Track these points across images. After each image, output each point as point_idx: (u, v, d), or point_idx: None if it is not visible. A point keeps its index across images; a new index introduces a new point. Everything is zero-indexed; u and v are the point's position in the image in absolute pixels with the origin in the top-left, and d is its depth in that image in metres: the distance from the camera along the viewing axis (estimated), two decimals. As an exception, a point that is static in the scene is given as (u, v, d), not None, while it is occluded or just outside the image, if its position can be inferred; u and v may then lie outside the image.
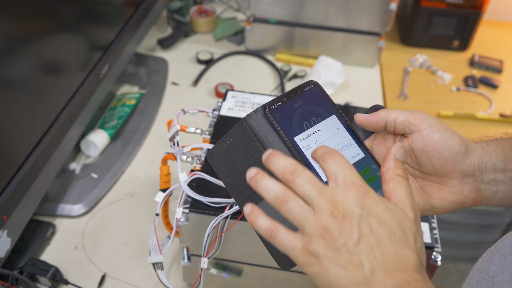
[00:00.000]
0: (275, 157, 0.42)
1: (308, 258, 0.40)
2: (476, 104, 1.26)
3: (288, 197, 0.41)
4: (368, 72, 1.31)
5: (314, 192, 0.40)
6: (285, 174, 0.41)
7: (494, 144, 0.51)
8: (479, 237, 1.48)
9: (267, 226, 0.42)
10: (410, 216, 0.41)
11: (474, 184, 0.49)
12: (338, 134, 0.50)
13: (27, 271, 0.78)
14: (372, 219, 0.40)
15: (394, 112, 0.50)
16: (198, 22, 1.39)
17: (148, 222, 0.91)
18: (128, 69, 1.23)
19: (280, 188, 0.41)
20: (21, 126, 0.76)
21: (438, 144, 0.48)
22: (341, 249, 0.39)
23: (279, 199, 0.41)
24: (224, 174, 0.51)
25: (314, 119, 0.49)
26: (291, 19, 1.26)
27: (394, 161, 0.43)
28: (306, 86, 0.51)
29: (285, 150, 0.47)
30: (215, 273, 0.74)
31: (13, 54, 0.72)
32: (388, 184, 0.43)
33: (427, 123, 0.49)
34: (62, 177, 0.97)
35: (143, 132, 1.08)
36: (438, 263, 0.64)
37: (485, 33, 1.47)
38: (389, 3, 1.18)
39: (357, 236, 0.39)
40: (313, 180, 0.41)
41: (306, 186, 0.41)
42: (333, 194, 0.40)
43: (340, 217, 0.39)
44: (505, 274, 0.39)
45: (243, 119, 0.48)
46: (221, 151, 0.50)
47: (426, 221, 0.67)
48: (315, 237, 0.40)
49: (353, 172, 0.41)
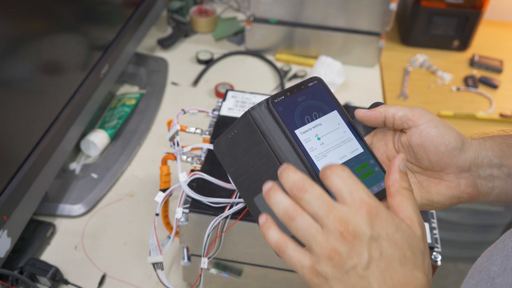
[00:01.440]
0: (286, 172, 0.41)
1: (316, 278, 0.40)
2: (476, 104, 1.26)
3: (296, 214, 0.40)
4: (368, 72, 1.31)
5: (322, 210, 0.39)
6: (293, 189, 0.41)
7: (491, 140, 0.51)
8: (479, 237, 1.48)
9: (277, 241, 0.42)
10: (418, 233, 0.41)
11: (470, 179, 0.50)
12: (338, 129, 0.51)
13: (27, 271, 0.78)
14: (383, 240, 0.39)
15: (393, 107, 0.51)
16: (198, 22, 1.39)
17: (148, 222, 0.91)
18: (128, 69, 1.23)
19: (289, 204, 0.41)
20: (21, 126, 0.76)
21: (435, 138, 0.49)
22: (350, 272, 0.38)
23: (287, 216, 0.41)
24: (228, 165, 0.52)
25: (316, 113, 0.51)
26: (291, 19, 1.26)
27: (399, 173, 0.43)
28: (310, 81, 0.52)
29: (285, 143, 0.49)
30: (215, 273, 0.74)
31: (13, 54, 0.72)
32: (395, 198, 0.42)
33: (424, 119, 0.50)
34: (62, 177, 0.97)
35: (143, 132, 1.08)
36: (438, 263, 0.64)
37: (485, 33, 1.47)
38: (389, 3, 1.19)
39: (367, 259, 0.38)
40: (321, 197, 0.40)
41: (314, 203, 0.40)
42: (342, 213, 0.39)
43: (350, 238, 0.38)
44: (507, 276, 0.39)
45: (248, 111, 0.49)
46: (226, 142, 0.52)
47: (426, 221, 0.67)
48: (323, 258, 0.39)
49: (359, 188, 0.40)
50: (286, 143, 0.49)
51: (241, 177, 0.51)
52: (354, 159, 0.50)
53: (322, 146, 0.50)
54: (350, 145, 0.51)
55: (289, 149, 0.49)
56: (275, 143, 0.49)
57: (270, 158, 0.49)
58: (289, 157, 0.48)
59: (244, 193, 0.51)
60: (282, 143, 0.49)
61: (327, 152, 0.50)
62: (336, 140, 0.50)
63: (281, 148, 0.49)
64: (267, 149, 0.49)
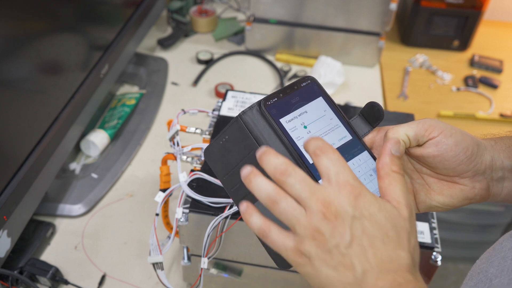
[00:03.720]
0: (267, 156, 0.41)
1: (300, 258, 0.40)
2: (476, 104, 1.26)
3: (279, 198, 0.40)
4: (368, 72, 1.31)
5: (305, 192, 0.40)
6: (276, 174, 0.41)
7: (501, 142, 0.51)
8: (479, 237, 1.48)
9: (260, 225, 0.42)
10: (404, 214, 0.41)
11: (484, 182, 0.50)
12: (325, 116, 0.49)
13: (27, 271, 0.78)
14: (365, 220, 0.39)
15: (401, 130, 0.47)
16: (198, 22, 1.39)
17: (148, 222, 0.91)
18: (128, 69, 1.23)
19: (271, 188, 0.41)
20: (21, 126, 0.76)
21: (453, 148, 0.47)
22: (332, 251, 0.39)
23: (270, 200, 0.41)
24: (221, 172, 0.50)
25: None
26: (291, 19, 1.26)
27: (390, 156, 0.43)
28: (303, 81, 0.50)
29: (281, 147, 0.46)
30: (215, 273, 0.74)
31: (13, 54, 0.72)
32: (384, 181, 0.43)
33: (437, 130, 0.48)
34: (62, 177, 0.97)
35: (143, 132, 1.08)
36: (438, 263, 0.64)
37: (485, 33, 1.47)
38: (389, 3, 1.18)
39: (349, 237, 0.39)
40: (304, 180, 0.40)
41: (297, 186, 0.40)
42: (325, 194, 0.40)
43: (332, 218, 0.39)
44: (503, 277, 0.39)
45: (238, 116, 0.47)
46: (217, 148, 0.49)
47: (426, 221, 0.67)
48: (307, 238, 0.39)
49: (346, 170, 0.41)
50: (282, 147, 0.46)
51: (235, 186, 0.49)
52: (343, 146, 0.48)
53: (309, 134, 0.47)
54: (338, 133, 0.49)
55: (286, 155, 0.46)
56: None
57: None
58: None
59: (239, 203, 0.48)
60: (277, 148, 0.46)
61: None
62: (324, 127, 0.48)
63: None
64: None
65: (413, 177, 0.51)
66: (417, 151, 0.49)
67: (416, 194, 0.51)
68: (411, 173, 0.51)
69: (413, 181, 0.51)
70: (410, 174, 0.51)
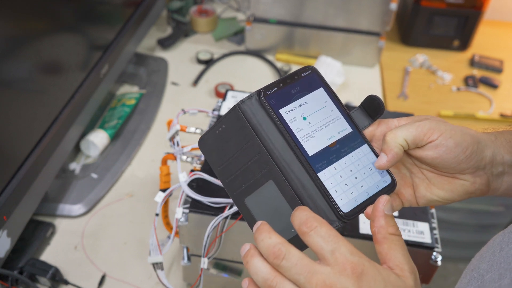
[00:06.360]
0: (260, 235, 0.39)
1: None
2: (476, 104, 1.26)
3: (275, 282, 0.38)
4: (368, 72, 1.31)
5: (303, 276, 0.37)
6: (269, 257, 0.38)
7: (501, 136, 0.51)
8: (479, 237, 1.48)
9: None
10: (409, 284, 0.40)
11: (485, 177, 0.49)
12: (325, 108, 0.48)
13: (27, 271, 0.78)
14: None
15: (399, 133, 0.47)
16: (198, 22, 1.39)
17: (148, 222, 0.91)
18: (128, 69, 1.23)
19: (268, 272, 0.39)
20: (21, 126, 0.76)
21: (453, 149, 0.47)
22: None
23: (267, 285, 0.38)
24: (216, 163, 0.48)
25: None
26: (291, 19, 1.26)
27: (384, 218, 0.42)
28: (304, 71, 0.48)
29: (280, 138, 0.45)
30: (215, 273, 0.74)
31: (13, 54, 0.72)
32: (383, 246, 0.41)
33: (437, 132, 0.47)
34: (62, 177, 0.97)
35: (143, 132, 1.08)
36: (438, 263, 0.64)
37: (485, 33, 1.47)
38: (389, 3, 1.18)
39: None
40: (300, 262, 0.37)
41: (294, 270, 0.37)
42: (324, 277, 0.37)
43: None
44: (494, 272, 0.39)
45: (237, 104, 0.45)
46: (213, 138, 0.48)
47: (426, 221, 0.67)
48: None
49: (341, 245, 0.38)
50: (280, 139, 0.45)
51: (231, 177, 0.47)
52: (343, 139, 0.47)
53: (308, 126, 0.46)
54: (338, 125, 0.47)
55: (284, 146, 0.45)
56: (268, 140, 0.45)
57: (262, 156, 0.45)
58: (284, 155, 0.45)
59: (234, 194, 0.47)
60: (276, 139, 0.45)
61: (314, 132, 0.46)
62: (324, 119, 0.47)
63: (275, 145, 0.45)
64: (259, 146, 0.45)
65: (413, 171, 0.51)
66: (416, 153, 0.48)
67: (416, 188, 0.50)
68: (410, 167, 0.51)
69: (413, 175, 0.51)
70: (410, 169, 0.51)
